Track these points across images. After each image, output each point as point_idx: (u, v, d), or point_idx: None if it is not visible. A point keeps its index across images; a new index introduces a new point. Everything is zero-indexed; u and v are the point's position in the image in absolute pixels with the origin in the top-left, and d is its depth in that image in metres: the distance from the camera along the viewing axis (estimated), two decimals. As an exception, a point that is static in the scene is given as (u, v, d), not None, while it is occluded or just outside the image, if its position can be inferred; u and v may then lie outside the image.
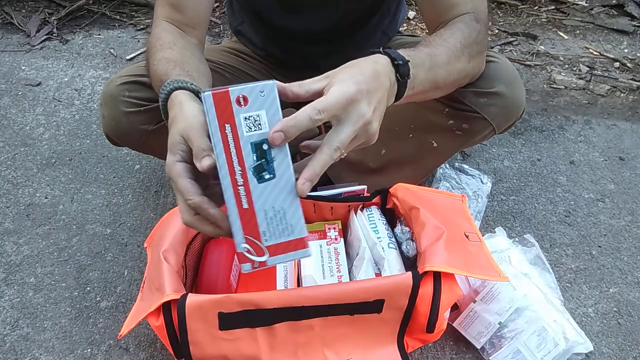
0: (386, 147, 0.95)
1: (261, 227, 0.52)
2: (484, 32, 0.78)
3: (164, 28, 0.79)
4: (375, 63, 0.61)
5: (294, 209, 0.53)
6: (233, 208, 0.51)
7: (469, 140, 0.92)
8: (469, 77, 0.80)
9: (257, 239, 0.52)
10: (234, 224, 0.52)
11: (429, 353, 0.85)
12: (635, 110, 1.41)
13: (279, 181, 0.52)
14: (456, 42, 0.73)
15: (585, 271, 0.99)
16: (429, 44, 0.72)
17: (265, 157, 0.51)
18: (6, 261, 1.00)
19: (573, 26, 1.74)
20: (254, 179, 0.51)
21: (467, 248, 0.77)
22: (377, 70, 0.60)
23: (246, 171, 0.51)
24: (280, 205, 0.52)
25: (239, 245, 0.52)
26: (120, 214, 1.08)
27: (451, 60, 0.72)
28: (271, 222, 0.52)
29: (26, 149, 1.24)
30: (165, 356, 0.85)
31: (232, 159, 0.51)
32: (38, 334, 0.88)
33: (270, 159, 0.51)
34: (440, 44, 0.72)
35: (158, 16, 0.81)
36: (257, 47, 1.02)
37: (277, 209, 0.52)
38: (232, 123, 0.50)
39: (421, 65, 0.67)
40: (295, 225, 0.53)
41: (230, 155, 0.51)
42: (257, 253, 0.52)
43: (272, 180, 0.52)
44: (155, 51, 0.74)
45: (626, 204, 1.13)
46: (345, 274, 0.82)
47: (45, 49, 1.59)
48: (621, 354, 0.87)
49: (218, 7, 1.76)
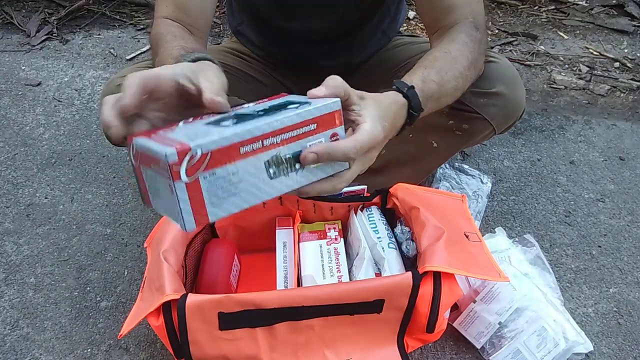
0: (386, 147, 0.94)
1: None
2: (485, 40, 0.79)
3: (169, 24, 0.78)
4: (395, 102, 0.63)
5: (248, 197, 0.50)
6: (229, 133, 0.48)
7: (469, 141, 0.92)
8: (470, 86, 0.80)
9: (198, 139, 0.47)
10: (218, 132, 0.48)
11: (429, 353, 0.85)
12: (635, 110, 1.41)
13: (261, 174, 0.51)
14: (464, 61, 0.74)
15: (585, 271, 0.99)
16: (440, 71, 0.71)
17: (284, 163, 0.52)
18: (6, 261, 1.00)
19: (573, 26, 1.74)
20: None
21: (467, 248, 0.77)
22: (395, 119, 0.63)
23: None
24: (254, 181, 0.50)
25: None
26: (120, 214, 1.08)
27: (458, 85, 0.73)
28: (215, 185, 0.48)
29: (26, 149, 1.24)
30: (165, 356, 0.85)
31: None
32: (38, 334, 0.88)
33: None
34: (450, 67, 0.72)
35: (160, 15, 0.80)
36: (257, 48, 1.02)
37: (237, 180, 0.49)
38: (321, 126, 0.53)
39: (430, 98, 0.69)
40: (225, 207, 0.49)
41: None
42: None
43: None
44: (167, 40, 0.71)
45: (626, 204, 1.13)
46: (345, 274, 0.82)
47: (45, 49, 1.59)
48: (621, 354, 0.87)
49: (218, 7, 1.76)
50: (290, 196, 0.87)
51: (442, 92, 0.71)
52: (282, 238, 0.89)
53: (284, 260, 0.86)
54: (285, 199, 0.89)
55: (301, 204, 0.89)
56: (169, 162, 0.45)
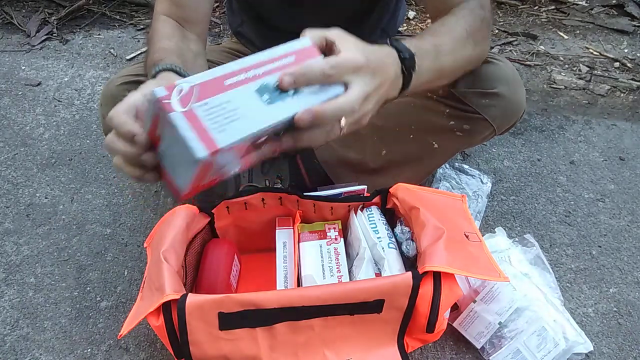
0: (387, 147, 0.95)
1: (214, 100, 0.52)
2: (488, 19, 0.78)
3: (163, 21, 0.79)
4: (383, 52, 0.62)
5: (247, 126, 0.52)
6: (225, 71, 0.53)
7: (469, 141, 0.92)
8: (474, 64, 0.81)
9: (203, 98, 0.51)
10: (210, 74, 0.53)
11: (429, 353, 0.85)
12: (635, 110, 1.41)
13: (261, 97, 0.54)
14: (461, 31, 0.73)
15: (585, 271, 1.00)
16: (434, 33, 0.72)
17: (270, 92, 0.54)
18: (6, 261, 1.00)
19: (573, 26, 1.74)
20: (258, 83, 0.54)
21: (467, 248, 0.77)
22: (384, 59, 0.61)
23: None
24: (244, 111, 0.52)
25: (189, 82, 0.52)
26: (120, 214, 1.08)
27: (456, 49, 0.72)
28: (222, 109, 0.52)
29: (26, 149, 1.24)
30: (165, 356, 0.85)
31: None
32: (38, 334, 0.88)
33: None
34: (445, 32, 0.73)
35: (158, 11, 0.81)
36: (257, 48, 1.02)
37: (238, 110, 0.52)
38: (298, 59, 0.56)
39: (426, 57, 0.68)
40: (227, 136, 0.51)
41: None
42: (186, 100, 0.51)
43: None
44: (153, 42, 0.75)
45: (626, 204, 1.13)
46: (345, 274, 0.82)
47: (45, 49, 1.59)
48: (621, 354, 0.87)
49: (218, 7, 1.76)
50: (290, 196, 0.87)
51: (440, 52, 0.70)
52: (282, 238, 0.89)
53: (284, 260, 0.86)
54: (285, 198, 0.89)
55: (301, 204, 0.89)
56: (158, 97, 0.49)
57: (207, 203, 0.87)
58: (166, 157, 0.54)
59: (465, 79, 0.85)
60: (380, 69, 0.60)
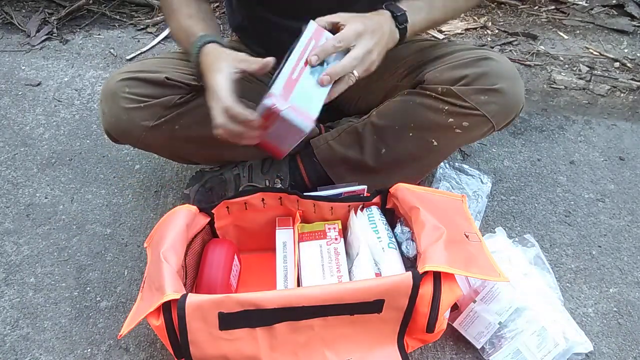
0: (386, 146, 0.95)
1: (295, 91, 0.74)
2: None
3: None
4: (378, 14, 0.81)
5: (318, 97, 0.75)
6: (287, 71, 0.75)
7: (468, 138, 0.92)
8: (465, 12, 0.92)
9: (289, 94, 0.73)
10: (282, 77, 0.74)
11: (429, 353, 0.85)
12: (635, 110, 1.41)
13: (314, 75, 0.76)
14: None
15: (585, 271, 0.99)
16: None
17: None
18: (6, 261, 1.00)
19: (573, 26, 1.73)
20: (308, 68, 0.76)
21: (467, 248, 0.77)
22: (379, 20, 0.80)
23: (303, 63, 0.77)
24: (312, 89, 0.75)
25: (277, 89, 0.73)
26: (120, 214, 1.08)
27: (448, 4, 0.89)
28: (302, 94, 0.74)
29: (26, 149, 1.24)
30: (165, 356, 0.85)
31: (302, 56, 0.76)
32: (38, 334, 0.88)
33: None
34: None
35: None
36: (257, 46, 1.02)
37: (309, 90, 0.75)
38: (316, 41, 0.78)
39: (419, 12, 0.85)
40: (313, 108, 0.75)
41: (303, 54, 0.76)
42: (283, 100, 0.73)
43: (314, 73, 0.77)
44: (174, 9, 0.90)
45: (626, 204, 1.13)
46: (345, 274, 0.82)
47: (45, 49, 1.59)
48: (621, 354, 0.87)
49: (218, 7, 1.76)
50: (290, 196, 0.87)
51: (432, 6, 0.87)
52: (282, 238, 0.89)
53: (284, 260, 0.86)
54: (285, 198, 0.89)
55: (301, 204, 0.89)
56: (269, 105, 0.73)
57: (207, 203, 0.87)
58: (273, 134, 0.77)
59: (465, 78, 0.85)
60: (377, 28, 0.78)
